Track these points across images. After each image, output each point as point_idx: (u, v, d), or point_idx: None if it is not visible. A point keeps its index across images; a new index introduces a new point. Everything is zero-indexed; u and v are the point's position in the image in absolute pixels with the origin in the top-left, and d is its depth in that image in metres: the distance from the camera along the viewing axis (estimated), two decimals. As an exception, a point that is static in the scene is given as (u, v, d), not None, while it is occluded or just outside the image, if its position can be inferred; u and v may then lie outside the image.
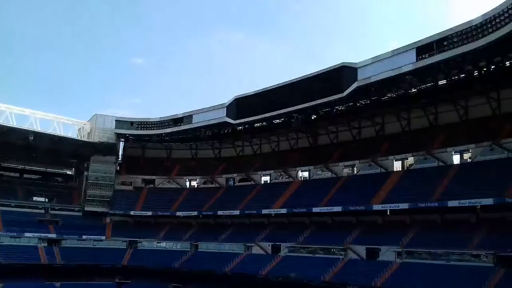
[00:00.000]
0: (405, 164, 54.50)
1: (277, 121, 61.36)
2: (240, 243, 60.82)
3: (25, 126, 61.73)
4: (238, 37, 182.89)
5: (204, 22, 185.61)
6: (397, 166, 54.93)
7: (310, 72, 54.05)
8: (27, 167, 76.90)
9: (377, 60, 46.56)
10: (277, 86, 57.79)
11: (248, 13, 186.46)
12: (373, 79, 46.48)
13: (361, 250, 49.46)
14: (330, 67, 51.81)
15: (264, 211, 60.69)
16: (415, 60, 42.93)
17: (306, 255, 53.82)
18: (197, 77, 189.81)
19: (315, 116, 59.50)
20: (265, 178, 68.41)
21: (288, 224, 61.52)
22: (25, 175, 76.55)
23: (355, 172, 58.75)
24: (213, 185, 73.17)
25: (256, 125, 63.82)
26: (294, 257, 54.45)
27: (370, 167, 56.75)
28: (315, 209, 55.24)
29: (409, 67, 43.40)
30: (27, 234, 62.07)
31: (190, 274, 59.37)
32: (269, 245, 58.13)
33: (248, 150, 74.50)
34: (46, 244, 62.68)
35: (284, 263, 53.74)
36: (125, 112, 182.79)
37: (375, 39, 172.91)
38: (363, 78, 47.42)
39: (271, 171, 67.88)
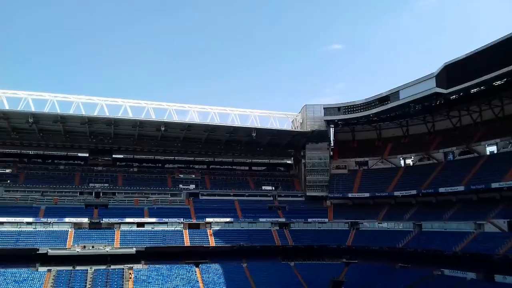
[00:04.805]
0: None
1: (499, 82, 53.85)
2: (469, 221, 56.35)
3: (248, 124, 70.06)
4: (431, 1, 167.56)
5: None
6: None
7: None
8: (254, 160, 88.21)
9: None
10: (493, 43, 50.59)
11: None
12: None
13: None
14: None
15: (494, 185, 54.41)
16: None
17: (555, 232, 46.35)
18: (398, 51, 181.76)
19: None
20: (491, 148, 61.34)
21: (526, 198, 53.96)
22: (253, 168, 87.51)
23: None
24: (430, 161, 69.28)
25: (472, 91, 57.38)
26: (538, 234, 47.58)
27: None
28: (561, 179, 46.96)
29: None
30: (261, 219, 70.87)
31: (416, 254, 58.21)
32: (504, 222, 52.14)
33: (466, 119, 67.64)
34: (277, 228, 70.38)
35: (527, 241, 47.49)
36: (331, 99, 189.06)
37: None
38: None
39: (498, 140, 60.44)
